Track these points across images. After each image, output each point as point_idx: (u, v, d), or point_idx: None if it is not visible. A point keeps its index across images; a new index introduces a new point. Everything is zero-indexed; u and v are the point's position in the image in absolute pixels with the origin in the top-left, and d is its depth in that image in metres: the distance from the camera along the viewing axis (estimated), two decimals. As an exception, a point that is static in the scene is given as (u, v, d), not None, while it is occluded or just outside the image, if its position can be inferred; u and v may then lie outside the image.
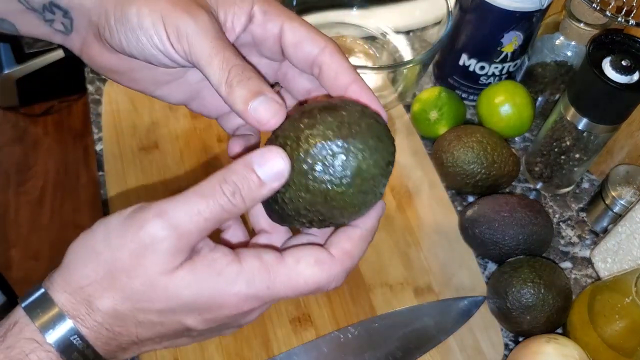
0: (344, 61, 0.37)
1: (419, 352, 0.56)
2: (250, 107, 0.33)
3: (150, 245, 0.31)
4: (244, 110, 0.33)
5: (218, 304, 0.33)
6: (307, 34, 0.37)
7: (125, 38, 0.35)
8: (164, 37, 0.34)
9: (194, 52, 0.34)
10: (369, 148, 0.32)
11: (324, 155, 0.32)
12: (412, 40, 0.76)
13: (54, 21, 0.38)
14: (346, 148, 0.32)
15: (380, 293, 0.60)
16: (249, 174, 0.32)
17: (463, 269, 0.62)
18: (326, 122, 0.32)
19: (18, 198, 1.67)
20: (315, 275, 0.34)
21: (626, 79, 0.55)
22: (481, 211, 0.61)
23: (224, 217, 0.32)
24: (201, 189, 0.32)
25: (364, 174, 0.32)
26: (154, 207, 0.32)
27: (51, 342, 0.31)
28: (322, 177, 0.32)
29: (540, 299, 0.55)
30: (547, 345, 0.52)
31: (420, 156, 0.70)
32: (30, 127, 1.81)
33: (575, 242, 0.66)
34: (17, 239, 1.59)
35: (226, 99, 0.34)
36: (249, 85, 0.33)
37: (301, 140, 0.32)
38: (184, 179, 0.66)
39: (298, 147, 0.32)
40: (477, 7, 0.66)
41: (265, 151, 0.32)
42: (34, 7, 0.38)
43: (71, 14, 0.38)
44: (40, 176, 1.71)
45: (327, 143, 0.32)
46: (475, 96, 0.74)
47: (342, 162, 0.32)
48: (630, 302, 0.50)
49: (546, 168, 0.67)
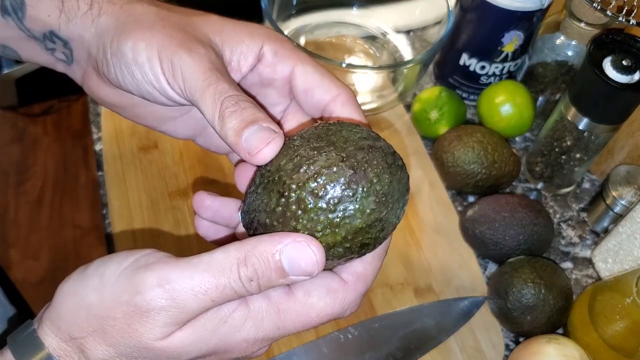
0: (356, 111, 0.35)
1: (420, 353, 0.56)
2: (243, 137, 0.30)
3: (146, 313, 0.29)
4: (236, 143, 0.30)
5: (224, 350, 0.31)
6: (320, 80, 0.35)
7: (121, 73, 0.34)
8: (159, 73, 0.33)
9: (188, 87, 0.32)
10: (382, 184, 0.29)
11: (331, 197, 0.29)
12: (412, 39, 0.76)
13: (55, 50, 0.38)
14: (354, 189, 0.29)
15: (381, 293, 0.60)
16: (275, 263, 0.29)
17: (463, 269, 0.62)
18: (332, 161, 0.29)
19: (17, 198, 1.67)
20: (328, 307, 0.32)
21: (627, 78, 0.55)
22: (482, 211, 0.61)
23: (232, 299, 0.30)
24: (215, 264, 0.29)
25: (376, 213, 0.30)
26: (157, 270, 0.29)
27: None
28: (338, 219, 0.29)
29: (540, 299, 0.55)
30: (548, 346, 0.52)
31: (420, 156, 0.70)
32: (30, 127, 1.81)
33: (576, 242, 0.66)
34: (17, 239, 1.59)
35: (219, 132, 0.31)
36: (242, 115, 0.31)
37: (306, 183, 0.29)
38: (183, 178, 0.66)
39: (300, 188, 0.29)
40: (478, 6, 0.66)
41: (301, 247, 0.29)
42: (35, 35, 0.37)
43: (71, 45, 0.37)
44: (40, 176, 1.71)
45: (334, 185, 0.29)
46: (476, 96, 0.74)
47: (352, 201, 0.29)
48: (630, 302, 0.50)
49: (547, 168, 0.67)
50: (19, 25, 0.36)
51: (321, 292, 0.31)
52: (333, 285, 0.32)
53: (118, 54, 0.34)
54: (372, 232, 0.30)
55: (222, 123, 0.31)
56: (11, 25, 0.37)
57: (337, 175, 0.29)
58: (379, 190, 0.29)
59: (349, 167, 0.29)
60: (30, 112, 1.81)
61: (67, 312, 0.30)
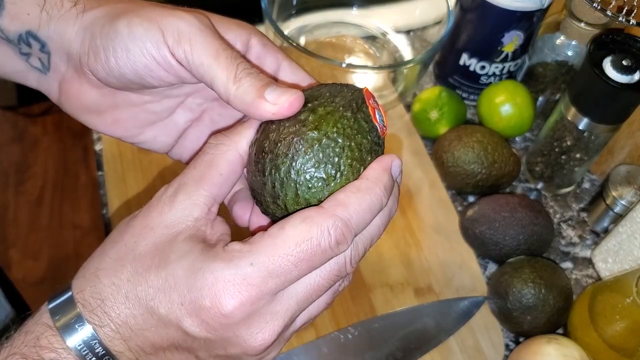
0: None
1: (420, 353, 0.56)
2: (266, 93, 0.31)
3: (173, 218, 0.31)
4: (258, 100, 0.31)
5: (203, 295, 0.29)
6: (308, 79, 0.36)
7: (114, 54, 0.33)
8: (160, 40, 0.32)
9: (196, 51, 0.32)
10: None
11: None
12: (412, 39, 0.76)
13: (30, 55, 0.36)
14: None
15: (381, 293, 0.60)
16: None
17: (463, 269, 0.62)
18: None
19: (17, 198, 1.67)
20: (303, 232, 0.29)
21: (627, 78, 0.55)
22: (482, 211, 0.61)
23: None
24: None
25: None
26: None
27: (71, 345, 0.30)
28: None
29: (540, 299, 0.55)
30: (548, 346, 0.52)
31: (420, 156, 0.70)
32: (30, 127, 1.81)
33: (576, 242, 0.66)
34: (16, 239, 1.59)
35: (234, 93, 0.32)
36: (260, 76, 0.32)
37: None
38: (183, 178, 0.66)
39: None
40: (478, 6, 0.66)
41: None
42: (9, 37, 0.35)
43: (49, 47, 0.35)
44: (40, 176, 1.71)
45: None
46: (476, 96, 0.74)
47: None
48: (630, 302, 0.50)
49: (547, 168, 0.67)
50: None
51: (295, 221, 0.29)
52: (308, 212, 0.30)
53: (111, 35, 0.33)
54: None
55: (239, 83, 0.31)
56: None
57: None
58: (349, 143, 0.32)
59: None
60: (30, 112, 1.81)
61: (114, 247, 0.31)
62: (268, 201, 0.33)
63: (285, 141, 0.31)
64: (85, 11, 0.35)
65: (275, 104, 0.31)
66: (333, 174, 0.31)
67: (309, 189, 0.31)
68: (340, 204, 0.30)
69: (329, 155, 0.31)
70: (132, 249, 0.31)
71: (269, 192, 0.32)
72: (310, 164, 0.31)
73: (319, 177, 0.31)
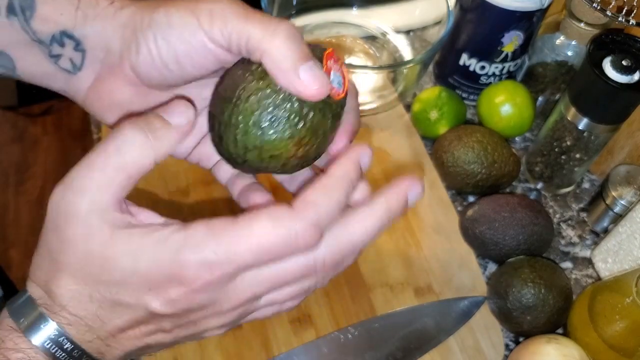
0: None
1: (419, 353, 0.56)
2: (301, 71, 0.32)
3: (72, 213, 0.30)
4: (291, 73, 0.32)
5: (168, 276, 0.30)
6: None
7: (155, 45, 0.33)
8: (196, 26, 0.33)
9: (229, 24, 0.32)
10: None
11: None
12: (412, 39, 0.76)
13: (60, 57, 0.36)
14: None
15: (381, 293, 0.60)
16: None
17: (463, 269, 0.62)
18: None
19: (17, 198, 1.67)
20: (270, 233, 0.29)
21: (627, 78, 0.55)
22: (482, 211, 0.61)
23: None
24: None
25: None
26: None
27: (37, 343, 0.31)
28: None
29: (540, 299, 0.55)
30: (548, 346, 0.52)
31: (420, 156, 0.70)
32: (30, 127, 1.81)
33: (576, 242, 0.66)
34: (17, 239, 1.59)
35: (269, 51, 0.32)
36: (296, 41, 0.32)
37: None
38: (183, 178, 0.66)
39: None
40: (478, 6, 0.66)
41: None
42: (41, 38, 0.35)
43: (84, 45, 0.35)
44: (40, 176, 1.71)
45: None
46: (476, 96, 0.74)
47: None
48: (630, 302, 0.50)
49: (547, 168, 0.67)
50: (25, 26, 0.35)
51: (261, 217, 0.30)
52: (277, 211, 0.30)
53: (152, 26, 0.33)
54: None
55: (273, 40, 0.31)
56: (15, 27, 0.35)
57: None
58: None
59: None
60: (30, 112, 1.81)
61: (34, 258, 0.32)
62: (216, 140, 0.35)
63: (233, 87, 0.33)
64: (122, 8, 0.35)
65: (304, 86, 0.32)
66: (270, 124, 0.33)
67: (246, 133, 0.33)
68: (310, 204, 0.30)
69: (269, 106, 0.33)
70: (82, 258, 0.31)
71: (216, 132, 0.35)
72: (249, 111, 0.33)
73: (255, 124, 0.33)
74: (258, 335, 0.56)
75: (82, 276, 0.31)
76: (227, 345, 0.55)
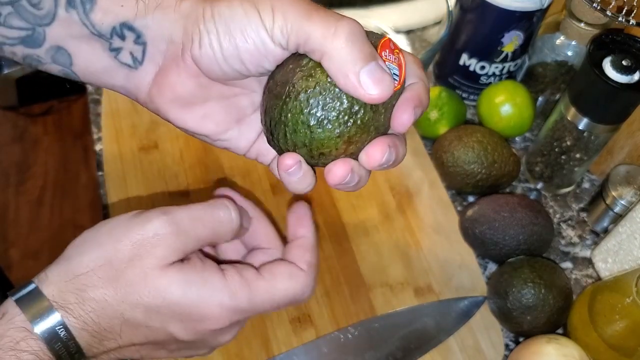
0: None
1: (419, 353, 0.56)
2: (362, 74, 0.31)
3: (152, 237, 0.34)
4: (352, 76, 0.31)
5: (202, 313, 0.35)
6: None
7: (217, 38, 0.32)
8: (258, 23, 0.32)
9: (290, 20, 0.31)
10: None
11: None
12: (412, 39, 0.76)
13: (121, 50, 0.34)
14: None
15: (380, 293, 0.60)
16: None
17: (463, 269, 0.62)
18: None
19: (17, 198, 1.67)
20: (290, 288, 0.38)
21: (627, 78, 0.55)
22: (481, 211, 0.61)
23: (219, 230, 0.37)
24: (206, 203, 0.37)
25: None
26: (158, 208, 0.35)
27: (38, 332, 0.32)
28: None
29: (540, 299, 0.55)
30: (548, 346, 0.52)
31: (420, 156, 0.70)
32: (30, 127, 1.81)
33: (576, 242, 0.66)
34: (17, 239, 1.59)
35: (330, 52, 0.31)
36: (359, 42, 0.32)
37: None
38: (183, 178, 0.66)
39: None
40: (478, 6, 0.66)
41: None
42: (101, 31, 0.34)
43: (145, 37, 0.34)
44: (40, 176, 1.71)
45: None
46: (476, 96, 0.74)
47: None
48: (630, 302, 0.50)
49: (547, 168, 0.67)
50: (84, 19, 0.33)
51: (284, 275, 0.38)
52: (294, 271, 0.39)
53: (215, 18, 0.32)
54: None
55: (334, 41, 0.32)
56: (74, 20, 0.33)
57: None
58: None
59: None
60: (30, 112, 1.81)
61: (77, 255, 0.34)
62: (268, 135, 0.35)
63: (283, 83, 0.33)
64: (183, 0, 0.34)
65: (365, 90, 0.31)
66: (318, 123, 0.33)
67: (295, 132, 0.33)
68: (314, 266, 0.40)
69: (317, 104, 0.32)
70: (120, 269, 0.34)
71: (267, 127, 0.35)
72: (298, 109, 0.33)
73: (304, 123, 0.33)
74: (258, 335, 0.56)
75: (127, 293, 0.34)
76: (227, 345, 0.55)
